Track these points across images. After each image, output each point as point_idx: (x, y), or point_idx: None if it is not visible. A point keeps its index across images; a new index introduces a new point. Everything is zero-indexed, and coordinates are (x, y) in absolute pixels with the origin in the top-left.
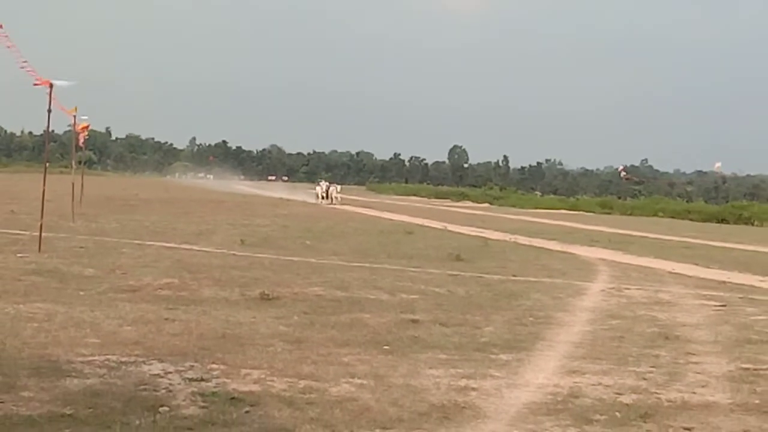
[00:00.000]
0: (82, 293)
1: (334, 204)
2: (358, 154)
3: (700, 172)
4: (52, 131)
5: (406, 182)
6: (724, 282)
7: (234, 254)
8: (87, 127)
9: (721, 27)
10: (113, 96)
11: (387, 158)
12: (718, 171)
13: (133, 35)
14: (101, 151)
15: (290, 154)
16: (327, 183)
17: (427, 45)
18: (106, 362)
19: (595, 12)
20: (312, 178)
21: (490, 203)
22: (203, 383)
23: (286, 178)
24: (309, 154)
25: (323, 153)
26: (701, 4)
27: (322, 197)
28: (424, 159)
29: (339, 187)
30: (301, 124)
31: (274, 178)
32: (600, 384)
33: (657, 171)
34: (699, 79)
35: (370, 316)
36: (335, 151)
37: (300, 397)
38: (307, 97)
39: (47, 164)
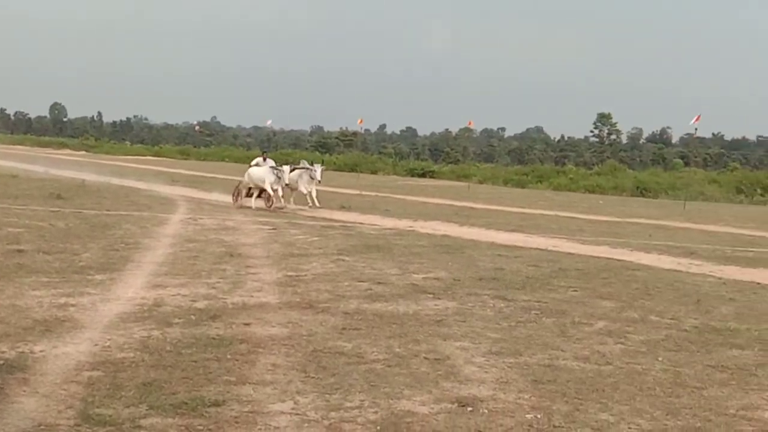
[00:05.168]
0: None
1: (310, 207)
2: None
3: (256, 127)
4: None
5: (12, 134)
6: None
7: None
8: None
9: (300, 23)
10: None
11: None
12: (269, 126)
13: None
14: None
15: None
16: (272, 161)
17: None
18: None
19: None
20: None
21: (87, 151)
22: None
23: None
24: None
25: None
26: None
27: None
28: (28, 114)
29: (320, 168)
30: None
31: None
32: (179, 294)
33: (224, 126)
34: (252, 58)
35: None
36: None
37: None
38: None
39: None
